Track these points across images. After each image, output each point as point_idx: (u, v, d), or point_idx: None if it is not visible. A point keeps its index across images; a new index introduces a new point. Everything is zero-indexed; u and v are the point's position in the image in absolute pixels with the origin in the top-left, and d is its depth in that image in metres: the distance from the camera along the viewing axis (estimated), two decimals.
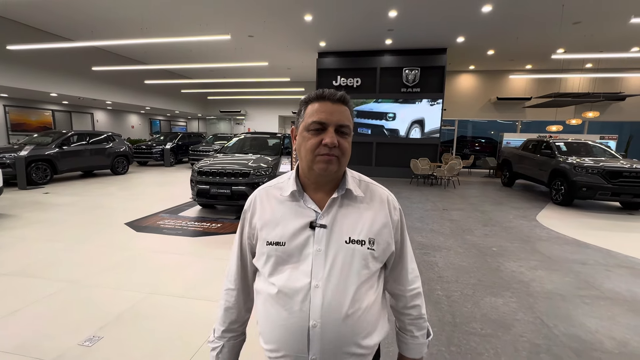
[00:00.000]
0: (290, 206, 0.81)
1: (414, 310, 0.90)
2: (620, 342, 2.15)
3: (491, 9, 7.00)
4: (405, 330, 0.91)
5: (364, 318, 0.75)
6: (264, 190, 0.87)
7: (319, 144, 0.75)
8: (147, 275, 2.98)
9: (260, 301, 0.81)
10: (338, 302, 0.73)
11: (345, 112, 0.78)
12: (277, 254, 0.77)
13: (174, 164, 12.83)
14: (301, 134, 0.79)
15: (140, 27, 8.51)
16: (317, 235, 0.76)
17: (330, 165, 0.75)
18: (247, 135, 7.04)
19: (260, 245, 0.81)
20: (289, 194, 0.81)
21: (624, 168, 5.97)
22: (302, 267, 0.75)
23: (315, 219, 0.78)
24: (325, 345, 0.72)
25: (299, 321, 0.73)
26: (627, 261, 3.61)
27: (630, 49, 9.44)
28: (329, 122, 0.75)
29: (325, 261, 0.75)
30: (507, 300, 2.67)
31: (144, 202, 6.04)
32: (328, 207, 0.79)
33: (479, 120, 13.95)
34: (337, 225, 0.78)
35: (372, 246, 0.78)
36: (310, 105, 0.78)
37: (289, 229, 0.78)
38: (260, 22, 8.22)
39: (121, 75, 11.96)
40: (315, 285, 0.73)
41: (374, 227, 0.80)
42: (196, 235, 4.23)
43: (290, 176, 0.85)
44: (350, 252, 0.76)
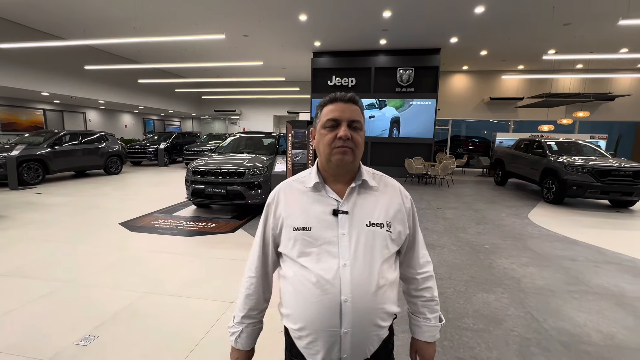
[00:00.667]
0: (313, 196, 0.89)
1: (426, 292, 0.97)
2: (607, 335, 2.21)
3: (484, 10, 7.09)
4: (417, 313, 0.98)
5: (387, 292, 0.84)
6: (286, 184, 0.95)
7: (334, 138, 0.85)
8: (143, 275, 2.98)
9: (288, 284, 0.87)
10: (365, 278, 0.81)
11: (356, 110, 0.88)
12: (303, 238, 0.84)
13: (168, 163, 12.75)
14: (319, 132, 0.90)
15: (134, 25, 8.45)
16: (340, 221, 0.85)
17: (346, 155, 0.85)
18: (242, 134, 7.04)
19: (286, 232, 0.88)
20: (312, 185, 0.90)
21: (612, 167, 6.10)
22: (329, 249, 0.82)
23: (337, 207, 0.87)
24: (356, 319, 0.79)
25: (332, 297, 0.79)
26: (615, 257, 3.70)
27: (619, 50, 9.63)
28: (341, 119, 0.85)
29: (350, 243, 0.83)
30: (499, 296, 2.73)
31: (138, 202, 6.01)
32: (348, 195, 0.88)
33: (473, 120, 14.11)
34: (357, 210, 0.87)
35: (390, 229, 0.87)
36: (325, 107, 0.89)
37: (314, 216, 0.86)
38: (255, 22, 8.22)
39: (114, 74, 11.86)
40: (344, 264, 0.81)
41: (390, 212, 0.89)
42: (191, 235, 4.23)
43: (310, 171, 0.94)
44: (372, 233, 0.85)
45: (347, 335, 0.79)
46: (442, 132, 14.03)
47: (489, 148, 12.71)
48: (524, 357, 1.97)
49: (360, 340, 0.81)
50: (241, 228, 4.56)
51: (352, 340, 0.80)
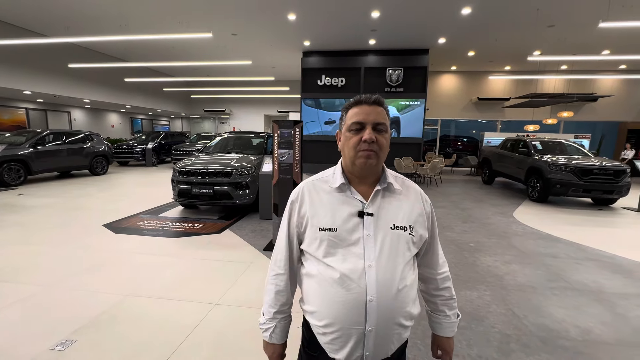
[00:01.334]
0: (339, 197, 0.91)
1: (445, 291, 1.02)
2: (584, 330, 2.27)
3: (470, 11, 7.19)
4: (438, 311, 1.03)
5: (409, 293, 0.87)
6: (310, 183, 0.96)
7: (359, 141, 0.86)
8: (125, 278, 2.93)
9: (314, 282, 0.89)
10: (390, 279, 0.83)
11: (381, 112, 0.89)
12: (329, 238, 0.86)
13: (156, 164, 12.55)
14: (344, 135, 0.92)
15: (119, 23, 8.29)
16: (366, 223, 0.86)
17: (370, 159, 0.86)
18: (231, 134, 6.98)
19: (311, 231, 0.89)
20: (337, 186, 0.91)
21: (594, 166, 6.26)
22: (354, 250, 0.84)
23: (362, 208, 0.88)
24: (381, 317, 0.82)
25: (358, 297, 0.82)
26: (595, 254, 3.80)
27: (601, 52, 9.88)
28: (366, 122, 0.87)
29: (375, 244, 0.85)
30: (482, 294, 2.77)
31: (123, 203, 5.90)
32: (373, 198, 0.90)
33: (461, 120, 14.30)
34: (382, 213, 0.88)
35: (412, 232, 0.89)
36: (350, 110, 0.91)
37: (339, 217, 0.87)
38: (243, 21, 8.16)
39: (100, 72, 11.62)
40: (369, 265, 0.83)
41: (412, 216, 0.91)
42: (177, 236, 4.17)
43: (334, 171, 0.96)
44: (396, 236, 0.87)
45: (371, 334, 0.82)
46: (431, 132, 14.18)
47: (477, 148, 12.90)
48: (503, 353, 2.00)
49: (383, 339, 0.84)
50: (228, 229, 4.52)
51: (375, 338, 0.83)
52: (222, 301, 2.54)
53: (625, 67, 11.97)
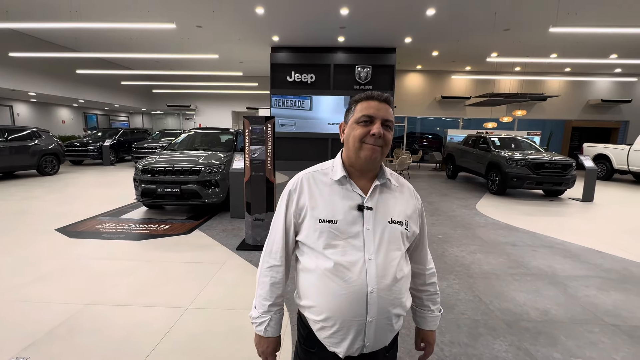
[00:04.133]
0: (339, 189, 0.92)
1: (431, 287, 1.06)
2: (542, 311, 2.45)
3: (435, 12, 7.47)
4: (422, 306, 1.07)
5: (405, 283, 0.91)
6: (309, 174, 0.96)
7: (366, 133, 0.88)
8: (84, 285, 2.70)
9: (310, 276, 0.89)
10: (388, 271, 0.86)
11: (389, 110, 0.92)
12: (329, 230, 0.87)
13: (114, 162, 11.74)
14: (350, 126, 0.92)
15: (69, 9, 7.60)
16: (365, 216, 0.88)
17: (375, 153, 0.88)
18: (198, 131, 6.69)
19: (311, 223, 0.89)
20: (338, 179, 0.92)
21: (545, 160, 6.80)
22: (354, 242, 0.86)
23: (361, 202, 0.90)
24: (381, 308, 0.84)
25: (359, 289, 0.83)
26: (548, 241, 4.13)
27: (550, 55, 10.73)
28: (376, 116, 0.89)
29: (374, 238, 0.87)
30: (451, 283, 2.90)
31: (78, 206, 5.45)
32: (372, 193, 0.92)
33: (426, 118, 14.88)
34: (381, 208, 0.91)
35: (407, 227, 0.93)
36: (360, 103, 0.92)
37: (340, 209, 0.89)
38: (209, 12, 7.83)
39: (47, 63, 10.60)
40: (369, 258, 0.85)
41: (407, 212, 0.95)
42: (142, 238, 3.92)
43: (334, 164, 0.97)
44: (393, 230, 0.90)
45: (371, 324, 0.84)
46: (399, 129, 14.61)
47: (442, 144, 13.50)
48: (473, 337, 2.11)
49: (383, 329, 0.86)
50: (198, 229, 4.34)
51: (375, 328, 0.85)
52: (194, 304, 2.43)
53: (570, 69, 13.12)
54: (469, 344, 2.05)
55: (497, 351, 1.98)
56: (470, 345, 2.04)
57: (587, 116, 14.07)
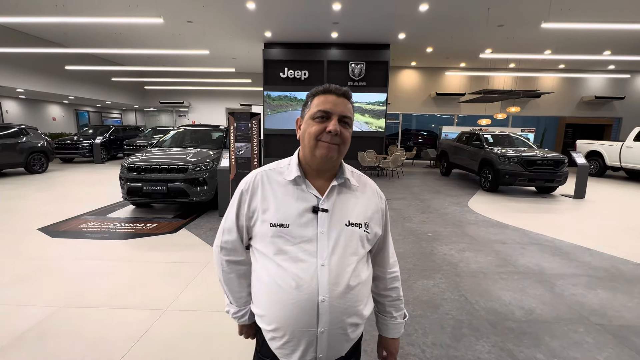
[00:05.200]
0: (293, 190, 0.86)
1: (393, 292, 1.00)
2: (527, 310, 2.42)
3: (428, 7, 7.39)
4: (384, 312, 1.01)
5: (362, 290, 0.84)
6: (264, 173, 0.89)
7: (322, 130, 0.81)
8: (61, 287, 2.62)
9: (261, 283, 0.84)
10: (342, 277, 0.80)
11: (348, 105, 0.85)
12: (281, 235, 0.81)
13: (106, 160, 11.60)
14: (306, 122, 0.85)
15: (55, 3, 7.42)
16: (320, 219, 0.82)
17: (331, 152, 0.82)
18: (187, 128, 6.59)
19: (262, 227, 0.84)
20: (292, 179, 0.85)
21: (538, 157, 6.78)
22: (307, 247, 0.80)
23: (317, 204, 0.84)
24: (333, 318, 0.79)
25: (309, 297, 0.77)
26: (538, 238, 4.11)
27: (543, 51, 10.71)
28: (333, 112, 0.82)
29: (329, 242, 0.81)
30: (438, 282, 2.86)
31: (64, 204, 5.34)
32: (329, 193, 0.86)
33: (422, 114, 14.83)
34: (337, 209, 0.85)
35: (367, 229, 0.87)
36: (317, 97, 0.85)
37: (292, 212, 0.82)
38: (199, 7, 7.69)
39: (35, 59, 10.39)
40: (322, 264, 0.79)
41: (368, 213, 0.89)
42: (126, 237, 3.85)
43: (290, 162, 0.90)
44: (350, 233, 0.84)
45: (323, 335, 0.79)
46: (394, 126, 14.56)
47: (437, 141, 13.47)
48: (456, 339, 2.07)
49: (337, 339, 0.81)
50: (184, 228, 4.26)
51: (328, 339, 0.79)
52: (173, 306, 2.37)
53: (564, 66, 13.12)
54: (451, 345, 2.01)
55: (480, 352, 1.94)
56: (453, 346, 2.00)
57: (581, 113, 14.10)
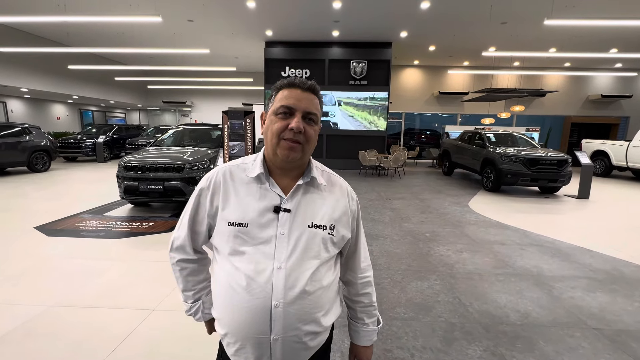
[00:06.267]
0: (255, 188, 0.81)
1: (365, 297, 0.94)
2: (523, 314, 2.36)
3: (430, 4, 7.29)
4: (356, 318, 0.95)
5: (323, 296, 0.79)
6: (227, 169, 0.85)
7: (284, 128, 0.76)
8: (52, 286, 2.62)
9: (218, 285, 0.81)
10: (299, 282, 0.75)
11: (314, 100, 0.79)
12: (238, 234, 0.77)
13: (108, 159, 11.67)
14: (269, 118, 0.80)
15: (57, 2, 7.46)
16: (281, 219, 0.78)
17: (293, 152, 0.76)
18: (186, 127, 6.59)
19: (221, 225, 0.80)
20: (255, 176, 0.81)
21: (540, 156, 6.67)
22: (264, 249, 0.76)
23: (279, 203, 0.79)
24: (287, 325, 0.74)
25: (262, 302, 0.73)
26: (538, 239, 4.02)
27: (548, 49, 10.54)
28: (296, 108, 0.76)
29: (288, 244, 0.76)
30: (432, 284, 2.80)
31: (63, 202, 5.37)
32: (293, 193, 0.81)
33: (425, 114, 14.71)
34: (301, 210, 0.80)
35: (332, 232, 0.81)
36: (281, 91, 0.79)
37: (252, 211, 0.78)
38: (199, 6, 7.68)
39: (39, 58, 10.48)
40: (278, 267, 0.74)
41: (335, 214, 0.83)
42: (121, 236, 3.84)
43: (255, 158, 0.85)
44: (312, 235, 0.79)
45: (277, 343, 0.74)
46: (397, 125, 14.46)
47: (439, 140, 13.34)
48: (447, 342, 2.02)
49: (292, 347, 0.76)
50: None
51: (283, 347, 0.74)
52: (161, 306, 2.35)
53: (570, 64, 12.91)
54: (441, 349, 1.95)
55: (471, 357, 1.89)
56: (443, 350, 1.94)
57: (587, 112, 13.87)
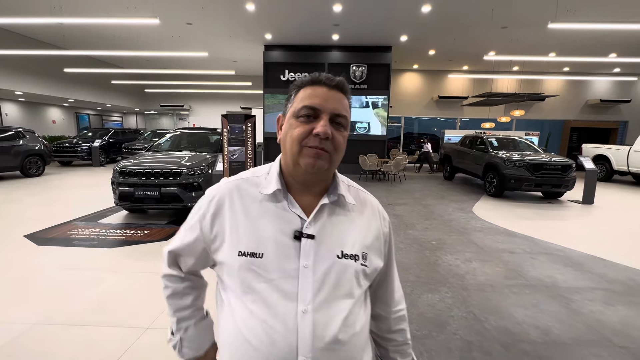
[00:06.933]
0: (270, 208, 0.67)
1: (398, 335, 0.80)
2: (543, 330, 2.22)
3: (430, 8, 7.24)
4: (387, 358, 0.81)
5: (357, 344, 0.65)
6: (233, 185, 0.70)
7: (308, 133, 0.62)
8: (39, 301, 2.45)
9: (228, 331, 0.64)
10: (330, 329, 0.61)
11: (343, 100, 0.66)
12: (252, 267, 0.62)
13: (104, 163, 11.48)
14: (288, 122, 0.66)
15: (53, 5, 7.33)
16: (303, 248, 0.63)
17: (320, 160, 0.63)
18: (184, 131, 6.44)
19: (228, 254, 0.65)
20: (271, 193, 0.67)
21: (544, 161, 6.58)
22: (285, 286, 0.61)
23: (300, 227, 0.65)
24: None
25: (286, 356, 0.58)
26: (548, 247, 3.90)
27: (548, 54, 10.53)
28: (322, 109, 0.63)
29: (314, 280, 0.62)
30: (443, 296, 2.66)
31: (57, 209, 5.19)
32: (317, 214, 0.67)
33: (424, 118, 14.65)
34: (327, 236, 0.66)
35: (365, 262, 0.68)
36: (303, 89, 0.66)
37: (268, 237, 0.63)
38: (198, 9, 7.58)
39: (34, 61, 10.32)
40: (304, 310, 0.60)
41: (366, 240, 0.70)
42: (115, 245, 3.68)
43: (269, 170, 0.71)
44: (343, 268, 0.64)
45: None
46: (396, 129, 14.38)
47: (439, 145, 13.27)
48: None
49: None
50: None
51: None
52: (156, 324, 2.19)
53: (569, 69, 12.93)
54: None
55: None
56: None
57: (586, 116, 13.88)
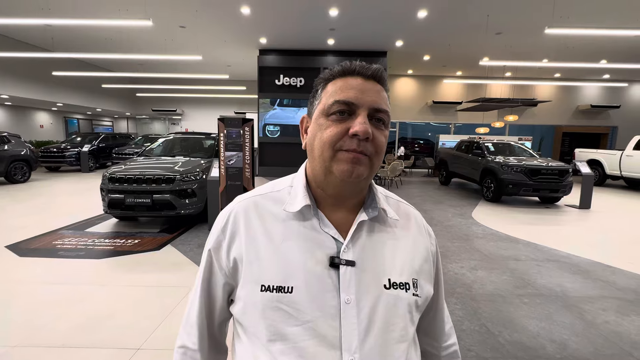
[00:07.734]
0: (298, 230, 0.53)
1: None
2: (560, 344, 2.11)
3: (426, 14, 7.24)
4: None
5: None
6: (250, 202, 0.57)
7: (343, 134, 0.50)
8: (18, 320, 2.25)
9: None
10: None
11: (382, 93, 0.53)
12: (279, 306, 0.49)
13: (94, 169, 11.16)
14: (316, 122, 0.53)
15: (41, 6, 7.13)
16: (343, 278, 0.50)
17: (358, 166, 0.50)
18: (177, 135, 6.27)
19: (248, 290, 0.51)
20: (298, 210, 0.53)
21: (542, 166, 6.57)
22: (324, 329, 0.48)
23: (337, 252, 0.51)
24: None
25: None
26: (552, 254, 3.82)
27: (541, 60, 10.66)
28: (359, 103, 0.50)
29: (359, 319, 0.49)
30: (453, 308, 2.54)
31: (42, 217, 4.94)
32: (355, 234, 0.53)
33: (418, 123, 14.71)
34: (369, 261, 0.53)
35: (417, 290, 0.55)
36: (332, 82, 0.53)
37: (297, 266, 0.50)
38: (191, 12, 7.46)
39: (21, 64, 10.04)
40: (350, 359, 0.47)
41: (415, 263, 0.57)
42: (103, 256, 3.47)
43: (293, 183, 0.58)
44: (393, 301, 0.51)
45: None
46: (391, 134, 14.38)
47: (434, 149, 13.31)
48: None
49: None
50: (170, 244, 3.90)
51: None
52: (148, 344, 2.01)
53: (560, 75, 13.14)
54: None
55: None
56: None
57: (577, 122, 14.10)
